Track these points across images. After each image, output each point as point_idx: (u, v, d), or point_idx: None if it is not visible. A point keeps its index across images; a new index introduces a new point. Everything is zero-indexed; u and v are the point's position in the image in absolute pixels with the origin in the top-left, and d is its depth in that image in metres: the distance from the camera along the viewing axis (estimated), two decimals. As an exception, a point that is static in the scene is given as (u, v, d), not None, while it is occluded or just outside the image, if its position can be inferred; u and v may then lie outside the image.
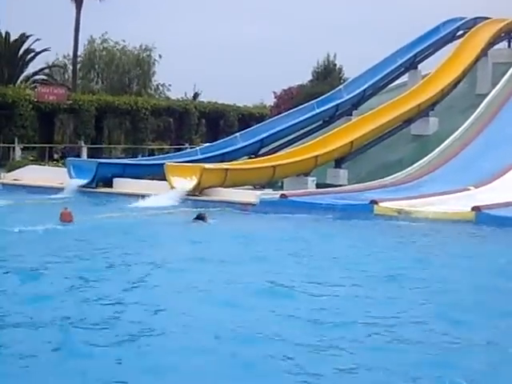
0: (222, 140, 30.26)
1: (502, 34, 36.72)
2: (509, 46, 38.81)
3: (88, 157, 38.11)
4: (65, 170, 25.40)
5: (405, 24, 68.24)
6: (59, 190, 23.34)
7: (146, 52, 57.67)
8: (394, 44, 35.04)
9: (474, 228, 17.59)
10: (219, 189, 22.86)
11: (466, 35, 35.06)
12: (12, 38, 50.48)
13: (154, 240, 14.57)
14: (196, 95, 60.84)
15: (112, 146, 49.62)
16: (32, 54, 52.38)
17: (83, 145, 41.72)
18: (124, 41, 57.47)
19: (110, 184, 24.58)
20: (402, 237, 16.42)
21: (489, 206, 19.13)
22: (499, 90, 30.29)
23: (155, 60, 57.98)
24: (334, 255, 13.33)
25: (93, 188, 24.08)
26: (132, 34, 74.50)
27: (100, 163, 25.44)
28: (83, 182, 24.09)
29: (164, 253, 13.20)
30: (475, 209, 18.71)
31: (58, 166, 30.49)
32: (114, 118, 49.94)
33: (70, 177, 24.56)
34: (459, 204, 19.85)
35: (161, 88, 60.13)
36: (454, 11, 42.08)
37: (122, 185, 24.28)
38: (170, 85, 60.08)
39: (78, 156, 38.36)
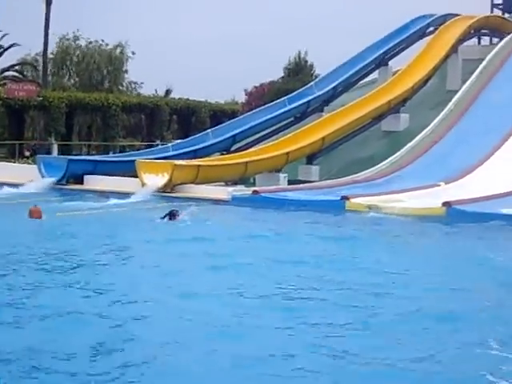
0: (193, 136, 30.22)
1: (472, 31, 36.97)
2: (479, 42, 39.14)
3: (59, 154, 37.84)
4: (35, 167, 25.25)
5: (376, 21, 68.65)
6: (30, 187, 23.15)
7: (119, 49, 57.35)
8: (365, 41, 35.21)
9: (443, 223, 17.69)
10: (191, 185, 22.84)
11: (436, 32, 35.26)
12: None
13: (116, 236, 14.55)
14: (168, 92, 60.63)
15: (83, 142, 49.30)
16: (0, 50, 51.94)
17: (54, 142, 41.41)
18: (103, 40, 57.20)
19: (80, 181, 24.47)
20: (372, 232, 16.47)
21: (459, 202, 19.25)
22: (469, 86, 30.47)
23: (128, 57, 57.70)
24: (299, 251, 13.35)
25: (63, 185, 23.98)
26: (105, 31, 74.20)
27: (70, 160, 25.36)
28: (54, 179, 23.97)
29: (123, 249, 13.23)
30: (445, 204, 18.84)
31: (28, 164, 30.29)
32: (85, 115, 49.60)
33: (41, 174, 24.42)
34: (430, 200, 19.95)
35: (132, 85, 59.88)
36: (426, 8, 42.26)
37: (93, 182, 24.19)
38: (142, 83, 59.89)
39: (49, 153, 38.06)
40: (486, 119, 27.85)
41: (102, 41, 56.90)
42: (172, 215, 16.60)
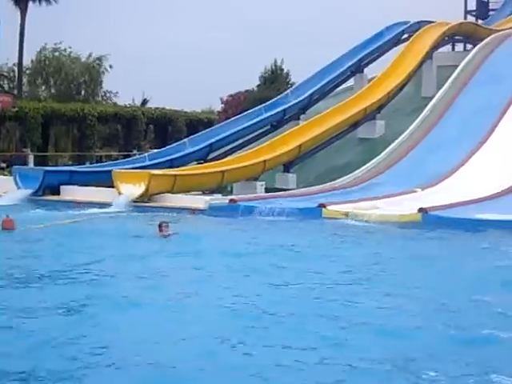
0: (170, 146, 30.14)
1: (446, 38, 37.21)
2: (453, 49, 39.40)
3: (35, 165, 37.64)
4: (11, 178, 25.11)
5: (351, 28, 68.90)
6: (5, 198, 22.98)
7: (97, 61, 57.24)
8: (341, 48, 35.36)
9: (420, 229, 17.76)
10: (168, 195, 22.78)
11: (411, 39, 35.44)
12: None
13: (94, 248, 14.45)
14: (145, 101, 60.54)
15: (59, 153, 49.09)
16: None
17: (30, 153, 41.20)
18: (78, 53, 57.06)
19: (57, 192, 24.35)
20: (348, 238, 16.50)
21: (435, 208, 19.33)
22: (444, 92, 30.64)
23: (105, 69, 57.62)
24: (276, 259, 13.36)
25: (39, 196, 23.84)
26: (83, 41, 73.87)
27: (46, 171, 25.21)
28: (30, 190, 23.84)
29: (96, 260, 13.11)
30: (422, 210, 18.91)
31: (3, 175, 30.10)
32: (61, 126, 49.43)
33: (17, 185, 24.30)
34: (406, 206, 20.03)
35: (108, 95, 59.74)
36: (400, 15, 42.53)
37: (69, 192, 24.06)
38: (117, 92, 59.77)
39: (25, 164, 37.85)
40: (462, 125, 28.02)
41: (78, 53, 56.81)
42: (160, 227, 15.78)
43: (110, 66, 57.47)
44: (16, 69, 55.46)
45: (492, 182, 23.08)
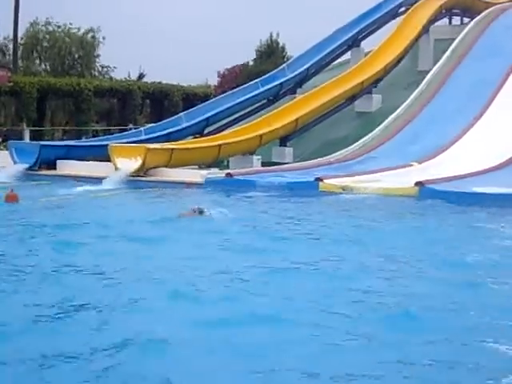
0: (166, 120, 30.08)
1: (443, 11, 37.04)
2: (450, 22, 39.21)
3: (31, 139, 37.54)
4: (7, 153, 25.08)
5: (347, 1, 68.45)
6: (1, 173, 22.96)
7: (90, 34, 56.91)
8: (337, 22, 35.16)
9: (416, 203, 17.80)
10: (164, 169, 22.78)
11: (408, 12, 35.27)
12: None
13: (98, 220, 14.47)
14: (141, 76, 60.28)
15: (55, 127, 48.95)
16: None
17: (25, 127, 41.09)
18: (71, 24, 56.66)
19: (53, 166, 24.34)
20: (345, 212, 16.53)
21: (432, 181, 19.37)
22: (441, 66, 30.55)
23: (99, 42, 57.28)
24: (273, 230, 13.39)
25: (36, 171, 23.84)
26: (77, 17, 73.44)
27: (43, 145, 25.18)
28: (26, 165, 23.82)
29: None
30: (418, 184, 18.95)
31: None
32: (57, 100, 49.26)
33: (13, 160, 24.27)
34: (403, 179, 20.05)
35: (105, 70, 59.44)
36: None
37: (66, 167, 24.07)
38: (114, 67, 59.45)
39: (21, 139, 37.75)
40: (458, 98, 27.96)
41: (71, 24, 56.41)
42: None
43: (103, 38, 57.15)
44: (8, 43, 55.22)
45: (489, 155, 23.09)
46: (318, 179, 20.08)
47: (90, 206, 17.17)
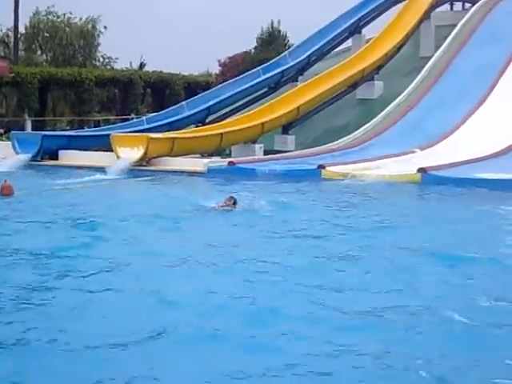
0: (168, 109, 30.05)
1: (444, -3, 36.93)
2: (451, 8, 39.11)
3: (33, 130, 37.56)
4: (9, 143, 25.09)
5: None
6: (4, 163, 22.95)
7: (91, 23, 56.85)
8: (338, 9, 35.07)
9: (419, 189, 17.84)
10: (166, 158, 22.79)
11: (409, -2, 35.16)
12: None
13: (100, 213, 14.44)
14: (142, 65, 60.23)
15: (57, 118, 48.97)
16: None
17: (27, 118, 41.11)
18: (71, 13, 56.61)
19: (55, 156, 24.36)
20: (348, 198, 16.54)
21: (434, 168, 19.40)
22: (442, 52, 30.49)
23: (100, 32, 57.24)
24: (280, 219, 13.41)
25: (38, 161, 23.86)
26: (78, 7, 73.17)
27: (45, 135, 25.21)
28: (28, 155, 23.84)
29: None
30: (421, 170, 18.98)
31: (2, 141, 30.07)
32: (59, 90, 49.26)
33: (15, 150, 24.28)
34: (405, 166, 20.08)
35: (107, 60, 59.40)
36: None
37: (68, 157, 24.09)
38: (116, 58, 59.41)
39: (23, 129, 37.76)
40: (460, 84, 27.91)
41: (71, 13, 56.35)
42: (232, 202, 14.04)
43: (105, 27, 57.12)
44: (10, 34, 55.15)
45: (491, 141, 23.08)
46: (321, 166, 20.10)
47: (98, 195, 17.10)
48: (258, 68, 31.47)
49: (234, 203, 13.90)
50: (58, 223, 12.65)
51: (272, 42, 49.79)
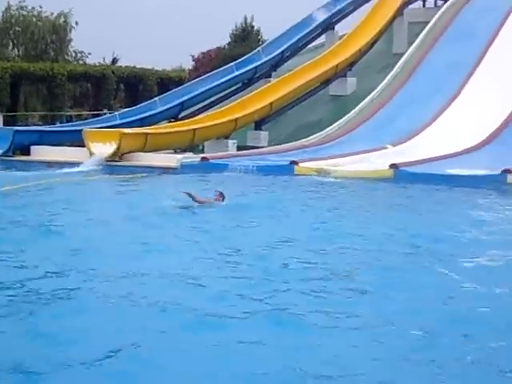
0: (141, 105, 29.94)
1: (417, -7, 37.06)
2: (424, 5, 39.25)
3: (4, 125, 37.26)
4: (-20, 139, 24.88)
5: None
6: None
7: (62, 17, 56.42)
8: (312, 5, 35.08)
9: (391, 185, 17.92)
10: (139, 153, 22.73)
11: (382, -5, 35.24)
12: None
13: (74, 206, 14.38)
14: (115, 60, 59.92)
15: (29, 113, 48.62)
16: None
17: (-1, 113, 40.78)
18: (41, 7, 56.14)
19: (27, 152, 24.20)
20: (319, 194, 16.59)
21: (406, 164, 19.50)
22: (415, 48, 30.59)
23: (72, 26, 56.82)
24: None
25: (10, 156, 23.70)
26: (48, 1, 72.66)
27: (17, 131, 25.01)
28: (0, 150, 23.67)
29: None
30: (393, 166, 19.06)
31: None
32: (30, 85, 48.91)
33: (-14, 146, 24.10)
34: (377, 162, 20.16)
35: (79, 55, 59.00)
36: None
37: (40, 152, 23.94)
38: (89, 53, 59.02)
39: (-6, 125, 37.46)
40: (433, 81, 28.04)
41: (40, 7, 55.87)
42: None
43: (76, 23, 56.73)
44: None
45: (462, 138, 23.24)
46: (293, 162, 20.13)
47: (69, 191, 17.04)
48: (232, 64, 31.42)
49: (223, 198, 13.96)
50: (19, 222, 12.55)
51: (246, 37, 49.72)
